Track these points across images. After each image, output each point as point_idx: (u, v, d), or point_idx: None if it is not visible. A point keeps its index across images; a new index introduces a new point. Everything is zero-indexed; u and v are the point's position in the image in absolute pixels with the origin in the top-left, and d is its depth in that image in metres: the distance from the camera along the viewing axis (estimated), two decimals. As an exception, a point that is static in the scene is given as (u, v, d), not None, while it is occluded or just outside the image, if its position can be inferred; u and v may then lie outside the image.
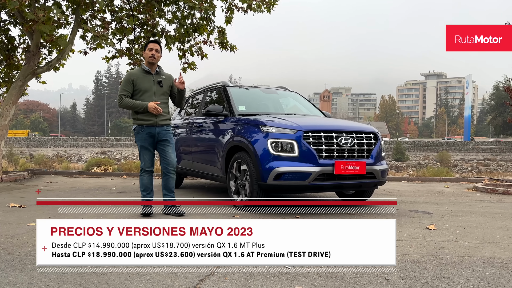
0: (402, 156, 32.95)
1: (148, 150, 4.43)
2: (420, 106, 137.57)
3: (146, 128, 4.36)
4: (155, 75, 4.44)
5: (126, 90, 4.35)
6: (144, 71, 4.43)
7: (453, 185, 8.70)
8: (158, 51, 4.41)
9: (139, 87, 4.35)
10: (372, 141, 4.93)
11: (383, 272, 2.60)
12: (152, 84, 4.39)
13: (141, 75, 4.40)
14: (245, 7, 8.62)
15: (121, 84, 4.47)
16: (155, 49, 4.39)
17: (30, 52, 8.17)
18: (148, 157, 4.46)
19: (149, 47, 4.40)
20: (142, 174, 4.48)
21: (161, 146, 4.45)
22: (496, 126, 53.99)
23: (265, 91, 6.55)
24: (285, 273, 2.56)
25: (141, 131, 4.38)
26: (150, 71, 4.41)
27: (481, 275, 2.59)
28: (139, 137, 4.42)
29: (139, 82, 4.36)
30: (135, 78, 4.38)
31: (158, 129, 4.39)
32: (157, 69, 4.48)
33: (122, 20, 8.57)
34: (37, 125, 78.01)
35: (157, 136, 4.40)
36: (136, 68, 4.63)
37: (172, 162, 4.45)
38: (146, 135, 4.37)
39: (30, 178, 8.81)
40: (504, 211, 5.22)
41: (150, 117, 4.33)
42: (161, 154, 4.47)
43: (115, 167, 12.75)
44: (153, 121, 4.35)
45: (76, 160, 33.37)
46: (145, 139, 4.38)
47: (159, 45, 4.48)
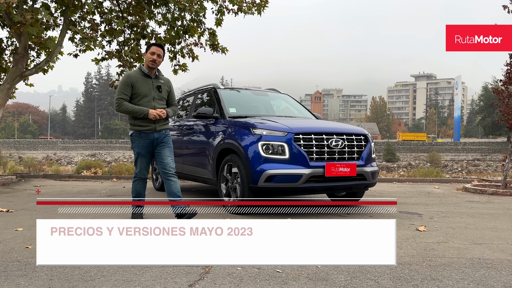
0: (393, 156, 33.21)
1: (145, 157, 4.26)
2: (411, 107, 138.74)
3: (144, 134, 4.18)
4: (154, 79, 4.24)
5: (125, 93, 4.12)
6: (144, 74, 4.22)
7: (443, 185, 8.76)
8: (161, 56, 4.21)
9: (138, 91, 4.14)
10: (362, 143, 4.95)
11: (374, 275, 2.60)
12: (151, 89, 4.20)
13: (140, 78, 4.19)
14: (235, 9, 8.61)
15: (118, 87, 4.22)
16: (158, 53, 4.18)
17: (18, 54, 8.06)
18: (145, 164, 4.29)
19: (151, 51, 4.18)
20: (136, 181, 4.32)
21: (158, 150, 4.25)
22: (485, 127, 54.57)
23: (256, 93, 6.54)
24: (276, 277, 2.54)
25: (138, 137, 4.19)
26: (149, 74, 4.21)
27: (470, 277, 2.60)
28: (136, 144, 4.22)
29: (138, 85, 4.15)
30: (134, 81, 4.16)
31: (157, 134, 4.21)
32: (157, 73, 4.30)
33: (111, 22, 8.50)
34: (26, 127, 77.10)
35: (155, 141, 4.22)
36: (134, 70, 4.37)
37: (169, 165, 4.21)
38: (144, 141, 4.19)
39: (19, 182, 8.69)
40: (493, 212, 5.27)
41: (148, 122, 4.15)
42: (158, 157, 4.26)
43: (105, 169, 12.65)
44: (152, 127, 4.17)
45: (66, 163, 33.05)
46: (143, 145, 4.20)
47: (163, 50, 4.26)
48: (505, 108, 7.66)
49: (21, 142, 45.15)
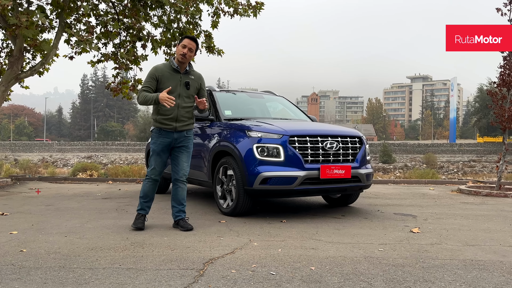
0: (389, 158, 33.30)
1: (159, 157, 4.01)
2: (407, 108, 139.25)
3: (164, 132, 3.95)
4: (183, 74, 3.97)
5: (149, 86, 3.88)
6: (172, 68, 3.95)
7: (438, 187, 8.81)
8: (192, 50, 3.90)
9: (164, 86, 3.87)
10: (357, 145, 4.98)
11: (367, 277, 2.62)
12: (178, 85, 3.93)
13: (168, 72, 3.93)
14: (231, 11, 8.64)
15: (144, 79, 3.99)
16: (189, 47, 3.88)
17: (13, 57, 8.05)
18: (158, 164, 4.03)
19: (183, 43, 3.89)
20: (147, 180, 4.07)
21: (175, 152, 4.05)
22: (480, 128, 54.85)
23: (251, 95, 6.57)
24: (270, 279, 2.56)
25: (158, 134, 3.97)
26: (178, 69, 3.95)
27: (462, 278, 2.63)
28: (154, 140, 4.01)
29: (164, 80, 3.89)
30: (160, 75, 3.90)
31: (177, 134, 3.98)
32: (187, 67, 4.00)
33: (107, 24, 8.50)
34: (22, 129, 76.78)
35: (174, 142, 4.00)
36: (163, 63, 4.08)
37: (183, 171, 4.03)
38: (163, 140, 3.97)
39: (14, 185, 8.66)
40: (487, 213, 5.31)
41: (170, 121, 3.92)
42: (173, 161, 4.07)
43: (101, 172, 12.61)
44: (173, 126, 3.94)
45: (62, 165, 32.97)
46: (160, 143, 3.97)
47: (196, 44, 3.95)
48: (498, 110, 7.72)
49: (17, 144, 44.96)
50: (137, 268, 2.76)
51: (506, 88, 7.69)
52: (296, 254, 3.15)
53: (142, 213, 4.10)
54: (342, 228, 4.17)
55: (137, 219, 4.07)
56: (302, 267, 2.81)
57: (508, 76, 7.59)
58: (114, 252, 3.16)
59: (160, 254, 3.11)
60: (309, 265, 2.87)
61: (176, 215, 4.11)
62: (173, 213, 4.14)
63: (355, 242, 3.58)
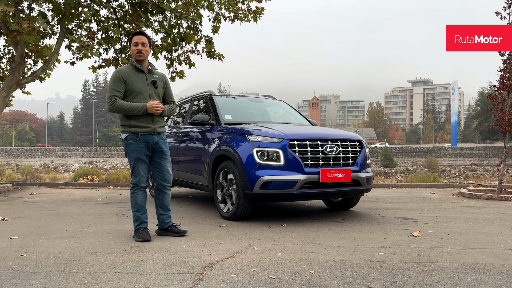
0: (391, 162, 33.23)
1: (144, 163, 3.80)
2: (408, 112, 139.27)
3: (142, 136, 3.74)
4: (148, 74, 3.83)
5: (117, 90, 3.68)
6: (136, 68, 3.80)
7: (439, 191, 8.79)
8: (145, 44, 3.76)
9: (132, 87, 3.72)
10: (357, 148, 4.98)
11: (367, 280, 2.62)
12: (146, 85, 3.78)
13: (133, 73, 3.77)
14: (231, 16, 8.69)
15: (109, 84, 3.77)
16: (141, 42, 3.74)
17: (15, 63, 8.09)
18: (144, 171, 3.82)
19: (133, 42, 3.75)
20: (135, 191, 3.82)
21: (157, 159, 3.88)
22: (482, 132, 54.83)
23: (251, 100, 6.58)
24: (269, 283, 2.56)
25: (135, 140, 3.74)
26: (142, 68, 3.80)
27: (462, 281, 2.62)
28: (133, 148, 3.75)
29: (131, 81, 3.72)
30: (126, 76, 3.73)
31: (156, 137, 3.82)
32: (149, 67, 3.87)
33: (108, 30, 8.55)
34: (23, 135, 76.96)
35: (154, 145, 3.82)
36: (125, 65, 3.93)
37: (169, 176, 3.92)
38: (142, 145, 3.76)
39: (15, 190, 8.68)
40: (487, 217, 5.30)
41: (147, 123, 3.74)
42: (157, 168, 3.90)
43: (102, 177, 12.64)
44: (151, 128, 3.76)
45: (64, 170, 32.99)
46: (141, 149, 3.76)
47: (146, 37, 3.80)
48: (499, 113, 7.72)
49: (19, 150, 45.00)
50: (137, 272, 2.77)
51: (506, 92, 7.70)
52: (296, 258, 3.15)
53: (143, 226, 3.84)
54: (342, 232, 4.16)
55: (140, 232, 3.77)
56: (302, 271, 2.81)
57: (508, 80, 7.60)
58: (114, 257, 3.16)
59: (160, 259, 3.11)
60: (309, 268, 2.86)
61: (166, 222, 3.97)
62: (162, 220, 3.97)
63: (356, 245, 3.57)
